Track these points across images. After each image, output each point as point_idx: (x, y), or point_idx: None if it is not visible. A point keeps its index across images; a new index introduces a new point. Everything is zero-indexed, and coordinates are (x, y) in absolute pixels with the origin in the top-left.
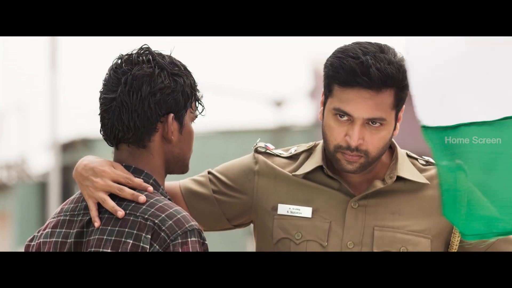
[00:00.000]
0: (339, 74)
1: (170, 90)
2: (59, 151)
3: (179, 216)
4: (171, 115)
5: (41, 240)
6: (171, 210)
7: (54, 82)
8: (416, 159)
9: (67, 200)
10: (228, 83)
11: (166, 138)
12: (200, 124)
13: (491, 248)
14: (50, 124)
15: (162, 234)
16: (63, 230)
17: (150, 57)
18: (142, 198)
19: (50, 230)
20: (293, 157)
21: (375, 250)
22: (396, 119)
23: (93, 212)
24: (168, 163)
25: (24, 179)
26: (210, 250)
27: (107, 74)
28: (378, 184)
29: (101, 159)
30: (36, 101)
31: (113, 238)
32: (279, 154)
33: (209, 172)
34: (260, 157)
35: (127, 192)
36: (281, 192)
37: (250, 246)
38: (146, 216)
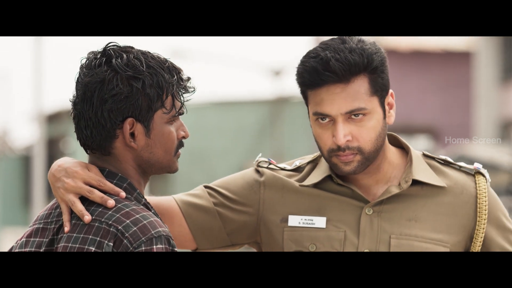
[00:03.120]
0: (305, 78)
1: (123, 96)
2: (44, 123)
3: (145, 222)
4: (128, 121)
5: (17, 250)
6: (137, 216)
7: (38, 49)
8: (433, 158)
9: (45, 207)
10: (223, 51)
11: (127, 145)
12: (194, 95)
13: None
14: (35, 94)
15: (125, 241)
16: (37, 239)
17: (104, 60)
18: (111, 202)
19: (25, 239)
20: (298, 170)
21: None
22: (383, 105)
23: (65, 216)
24: (141, 167)
25: (7, 152)
26: None
27: None
28: (394, 189)
29: (76, 161)
30: (19, 69)
31: (77, 245)
32: (283, 167)
33: (205, 186)
34: (265, 169)
35: (96, 195)
36: (290, 202)
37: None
38: (110, 222)
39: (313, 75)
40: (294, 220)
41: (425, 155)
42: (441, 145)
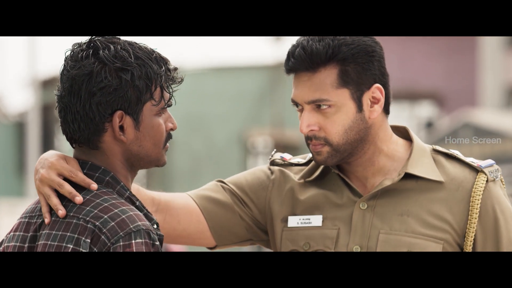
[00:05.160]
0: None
1: (112, 88)
2: (39, 88)
3: (123, 216)
4: (117, 113)
5: (5, 244)
6: (116, 211)
7: None
8: (442, 153)
9: (34, 200)
10: None
11: (116, 139)
12: (193, 60)
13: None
14: (29, 59)
15: (103, 237)
16: (21, 233)
17: (91, 52)
18: (78, 199)
19: (12, 233)
20: (308, 163)
21: None
22: (358, 99)
23: (44, 208)
24: (130, 161)
25: (0, 119)
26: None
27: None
28: (386, 182)
29: (58, 153)
30: None
31: (55, 243)
32: (296, 162)
33: (218, 181)
34: (276, 167)
35: (66, 189)
36: (291, 202)
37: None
38: (87, 219)
39: (285, 61)
40: (293, 221)
41: (435, 151)
42: (446, 111)
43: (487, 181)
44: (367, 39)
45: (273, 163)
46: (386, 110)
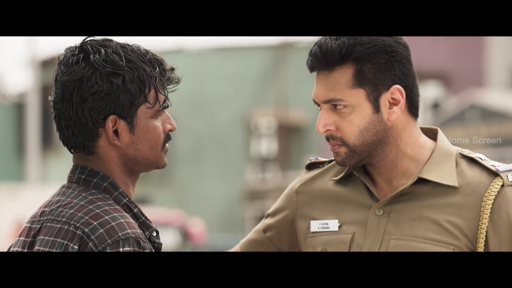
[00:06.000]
0: None
1: (103, 93)
2: (38, 68)
3: (113, 223)
4: (110, 118)
5: (12, 249)
6: (106, 217)
7: None
8: (468, 158)
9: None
10: None
11: (111, 143)
12: (195, 40)
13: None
14: (28, 38)
15: (90, 244)
16: (23, 238)
17: (81, 57)
18: None
19: (18, 238)
20: None
21: None
22: (374, 100)
23: None
24: (127, 166)
25: None
26: None
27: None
28: (401, 187)
29: None
30: None
31: (47, 249)
32: (330, 163)
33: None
34: (305, 174)
35: None
36: (315, 207)
37: None
38: (77, 225)
39: (307, 59)
40: (314, 226)
41: (461, 154)
42: (452, 92)
43: (503, 185)
44: (388, 39)
45: (308, 166)
46: (412, 113)
